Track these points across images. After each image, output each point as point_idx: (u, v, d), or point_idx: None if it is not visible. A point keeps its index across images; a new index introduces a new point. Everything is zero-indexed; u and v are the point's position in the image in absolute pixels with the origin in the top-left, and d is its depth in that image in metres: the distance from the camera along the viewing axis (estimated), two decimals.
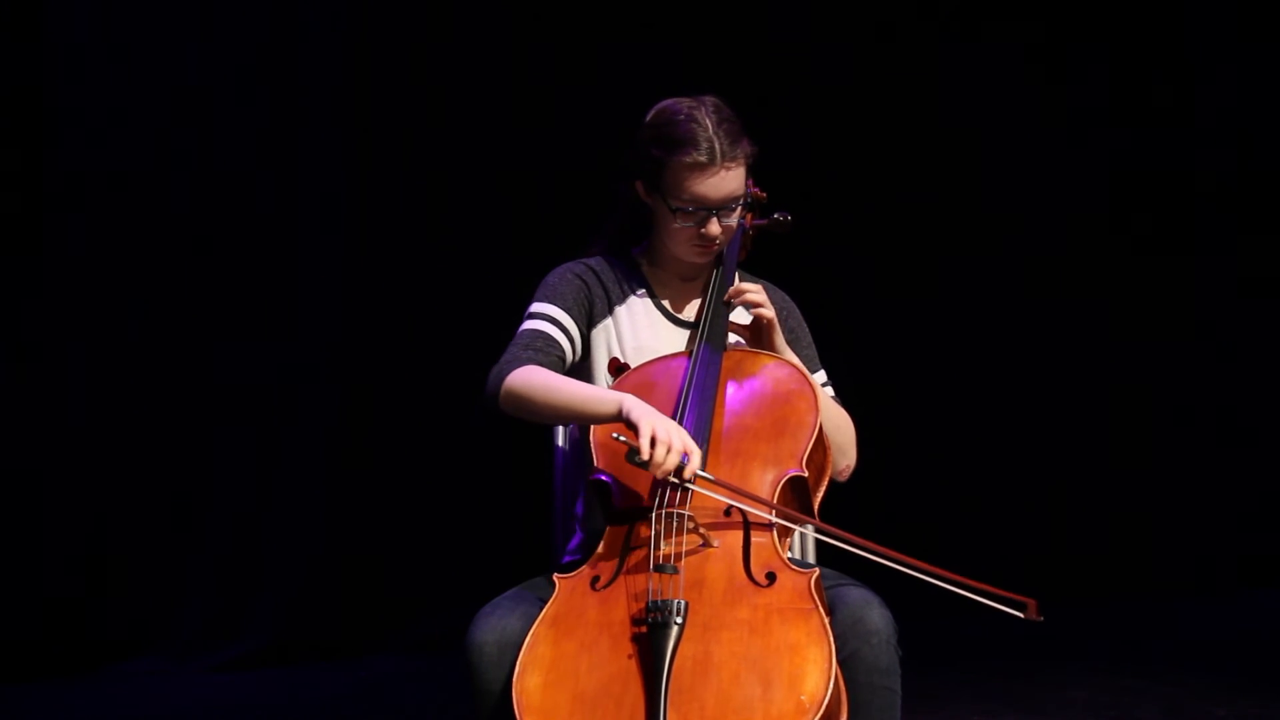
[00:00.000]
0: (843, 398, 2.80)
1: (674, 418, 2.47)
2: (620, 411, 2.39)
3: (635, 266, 2.80)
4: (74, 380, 5.32)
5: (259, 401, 5.45)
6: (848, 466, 2.69)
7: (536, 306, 2.68)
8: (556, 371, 2.59)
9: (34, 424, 5.26)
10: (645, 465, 2.30)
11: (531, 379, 2.50)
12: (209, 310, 5.42)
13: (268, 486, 5.48)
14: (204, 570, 5.42)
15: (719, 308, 2.66)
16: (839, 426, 2.66)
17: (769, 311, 2.61)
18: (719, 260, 2.75)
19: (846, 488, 2.73)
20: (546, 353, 2.60)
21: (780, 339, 2.64)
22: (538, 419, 2.54)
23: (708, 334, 2.62)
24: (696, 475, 2.33)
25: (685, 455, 2.32)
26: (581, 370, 2.73)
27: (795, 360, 2.64)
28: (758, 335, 2.65)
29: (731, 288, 2.65)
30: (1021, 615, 2.23)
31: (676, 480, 2.33)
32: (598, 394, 2.49)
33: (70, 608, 5.24)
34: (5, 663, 5.09)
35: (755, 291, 2.62)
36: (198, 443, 5.42)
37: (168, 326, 5.39)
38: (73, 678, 5.14)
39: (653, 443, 2.30)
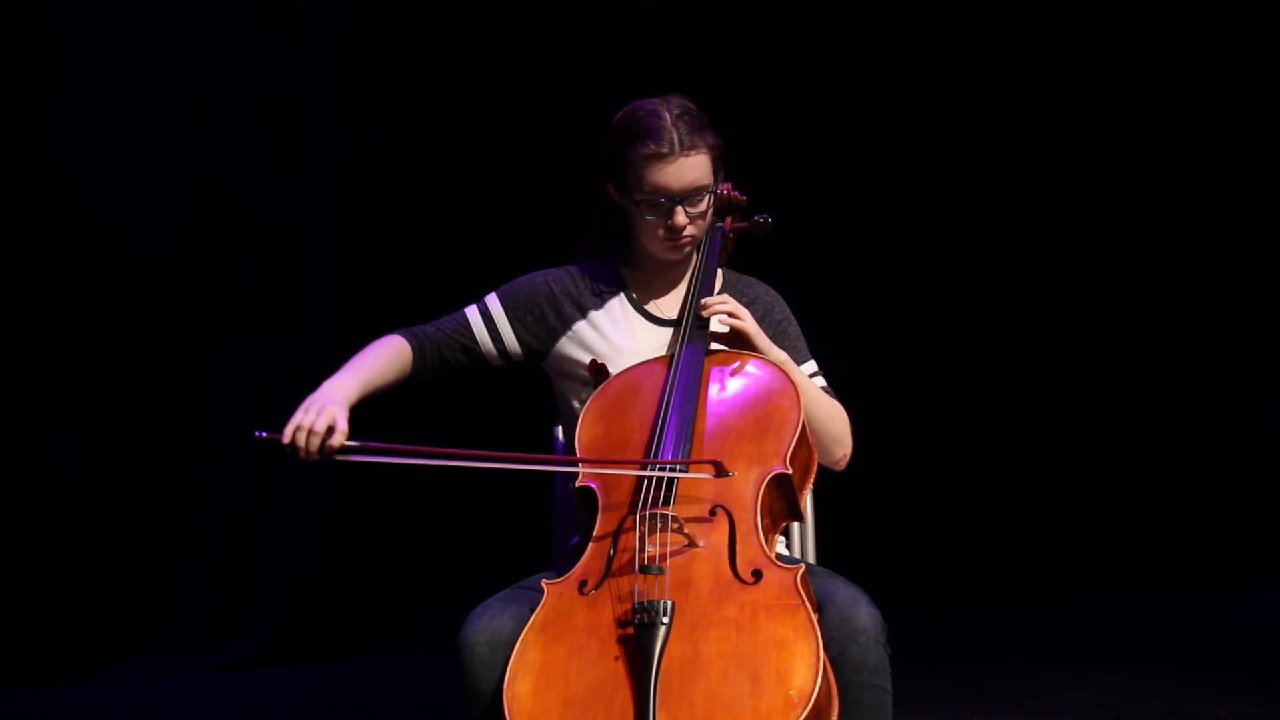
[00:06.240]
0: (835, 395, 2.77)
1: (657, 420, 2.47)
2: None
3: (615, 270, 2.80)
4: (74, 380, 5.32)
5: (258, 401, 5.45)
6: (844, 455, 2.68)
7: (486, 297, 2.78)
8: (447, 354, 2.73)
9: (34, 423, 5.27)
10: (294, 454, 2.39)
11: (371, 347, 2.70)
12: (208, 310, 5.43)
13: (267, 486, 5.48)
14: (203, 570, 5.43)
15: (699, 310, 2.65)
16: (831, 417, 2.65)
17: (739, 322, 2.60)
18: (699, 261, 2.74)
19: (843, 486, 2.71)
20: (448, 334, 2.73)
21: (762, 342, 2.62)
22: None
23: (689, 335, 2.62)
24: (345, 445, 2.40)
25: (331, 431, 2.42)
26: (560, 373, 2.75)
27: (781, 356, 2.63)
28: (739, 343, 2.63)
29: (702, 300, 2.64)
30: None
31: (320, 457, 2.42)
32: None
33: (70, 608, 5.25)
34: (5, 663, 5.11)
35: (723, 302, 2.62)
36: (197, 443, 5.42)
37: (168, 326, 5.40)
38: (73, 678, 5.15)
39: (297, 429, 2.42)
